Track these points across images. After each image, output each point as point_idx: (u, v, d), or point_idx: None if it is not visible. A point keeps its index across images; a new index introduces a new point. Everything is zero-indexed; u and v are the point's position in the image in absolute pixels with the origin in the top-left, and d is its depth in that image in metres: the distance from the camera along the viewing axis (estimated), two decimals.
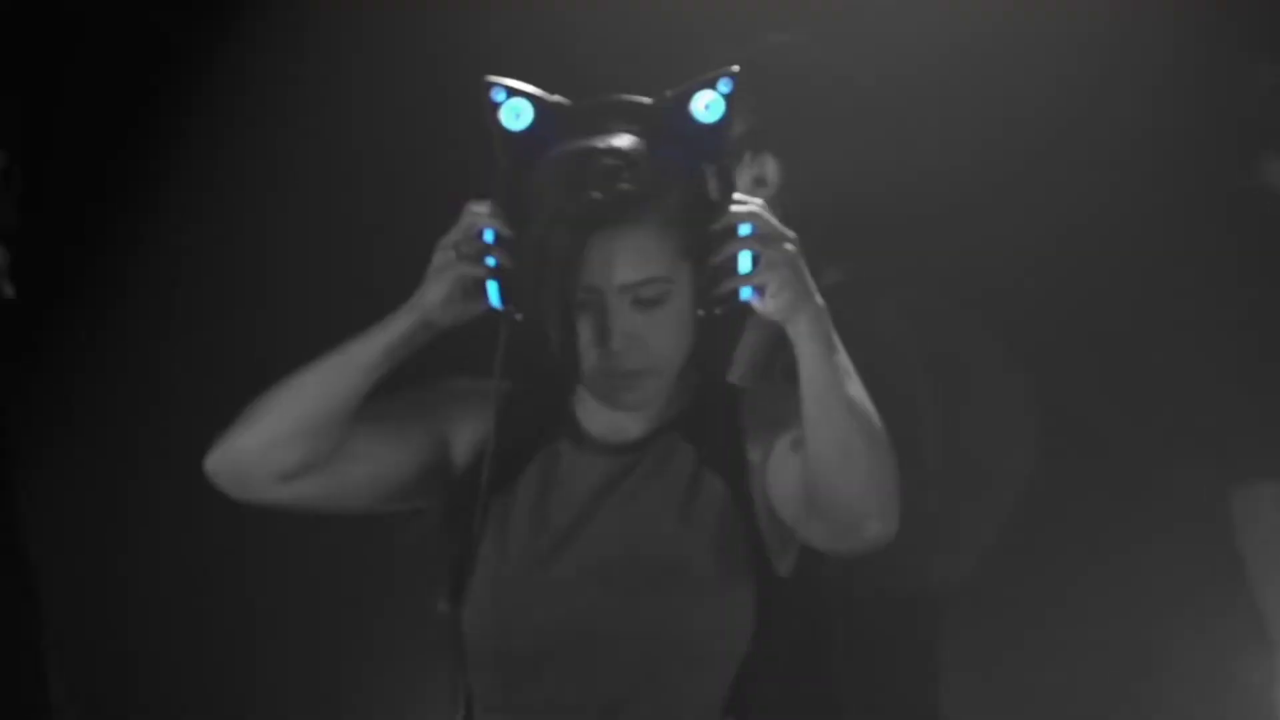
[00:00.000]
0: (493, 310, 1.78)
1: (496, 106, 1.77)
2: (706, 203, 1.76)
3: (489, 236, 1.77)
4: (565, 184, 1.74)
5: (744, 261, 1.72)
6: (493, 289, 1.77)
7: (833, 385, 1.71)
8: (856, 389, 1.72)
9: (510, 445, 1.84)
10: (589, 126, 1.77)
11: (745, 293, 1.73)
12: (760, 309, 1.73)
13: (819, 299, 1.73)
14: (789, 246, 1.72)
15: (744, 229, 1.73)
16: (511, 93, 1.78)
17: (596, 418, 1.86)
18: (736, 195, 1.76)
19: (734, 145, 1.81)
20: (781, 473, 1.78)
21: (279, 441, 1.81)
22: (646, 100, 1.78)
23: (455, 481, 1.87)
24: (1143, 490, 3.07)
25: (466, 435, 1.88)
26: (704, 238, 1.74)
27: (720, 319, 1.78)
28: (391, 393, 1.87)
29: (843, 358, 1.73)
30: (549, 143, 1.77)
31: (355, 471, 1.85)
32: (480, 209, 1.78)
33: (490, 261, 1.77)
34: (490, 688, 1.82)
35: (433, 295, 1.79)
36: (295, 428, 1.81)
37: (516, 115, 1.77)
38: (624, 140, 1.76)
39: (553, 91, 1.80)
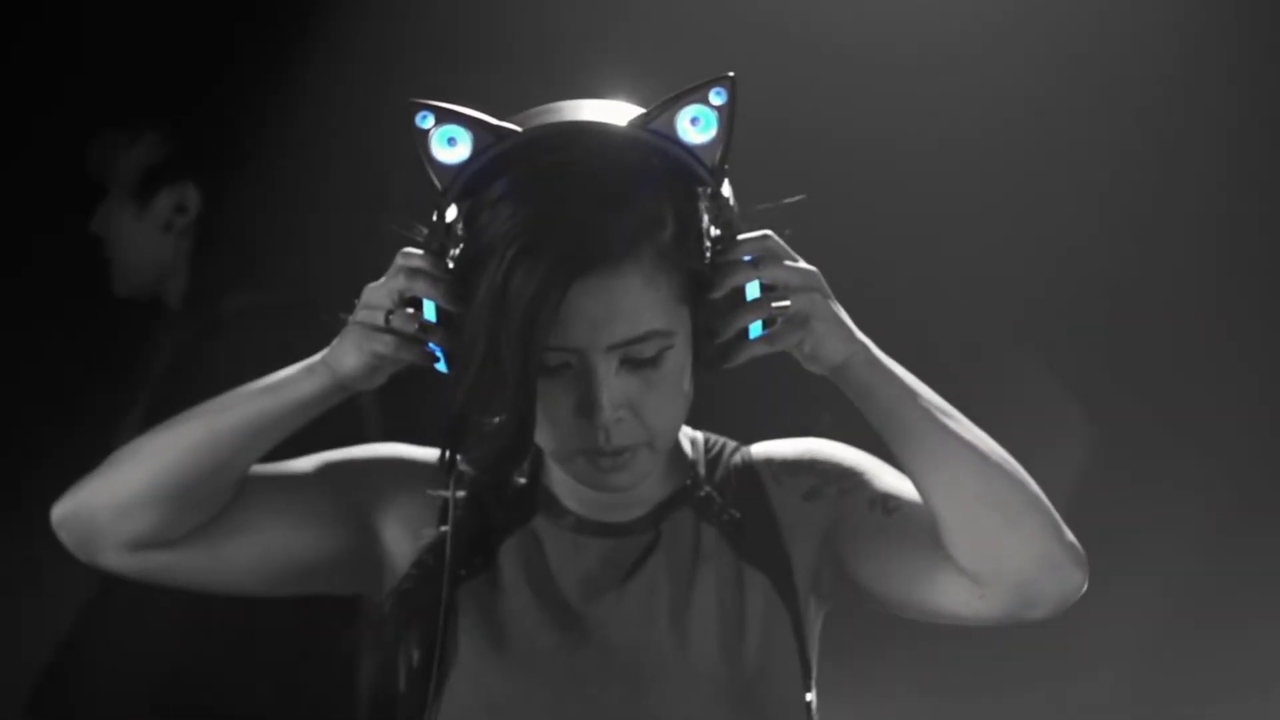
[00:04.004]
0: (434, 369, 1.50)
1: (425, 134, 1.47)
2: (702, 235, 1.47)
3: (430, 312, 1.47)
4: (528, 221, 1.42)
5: (755, 329, 1.47)
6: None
7: (939, 436, 1.47)
8: (961, 424, 1.49)
9: (470, 530, 1.56)
10: (551, 152, 1.45)
11: (755, 331, 1.48)
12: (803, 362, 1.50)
13: (860, 335, 1.47)
14: (813, 294, 1.46)
15: (752, 290, 1.46)
16: (442, 116, 1.47)
17: (578, 491, 1.57)
18: (740, 237, 1.48)
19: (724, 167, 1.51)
20: (887, 556, 1.52)
21: (138, 501, 1.53)
22: (617, 125, 1.47)
23: (398, 574, 1.57)
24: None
25: (400, 518, 1.58)
26: (706, 288, 1.47)
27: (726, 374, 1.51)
28: (296, 451, 1.59)
29: (927, 394, 1.49)
30: (496, 176, 1.46)
31: (238, 548, 1.56)
32: (416, 261, 1.48)
33: (434, 348, 1.48)
34: None
35: (351, 364, 1.50)
36: (161, 487, 1.52)
37: (450, 143, 1.47)
38: (600, 167, 1.45)
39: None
